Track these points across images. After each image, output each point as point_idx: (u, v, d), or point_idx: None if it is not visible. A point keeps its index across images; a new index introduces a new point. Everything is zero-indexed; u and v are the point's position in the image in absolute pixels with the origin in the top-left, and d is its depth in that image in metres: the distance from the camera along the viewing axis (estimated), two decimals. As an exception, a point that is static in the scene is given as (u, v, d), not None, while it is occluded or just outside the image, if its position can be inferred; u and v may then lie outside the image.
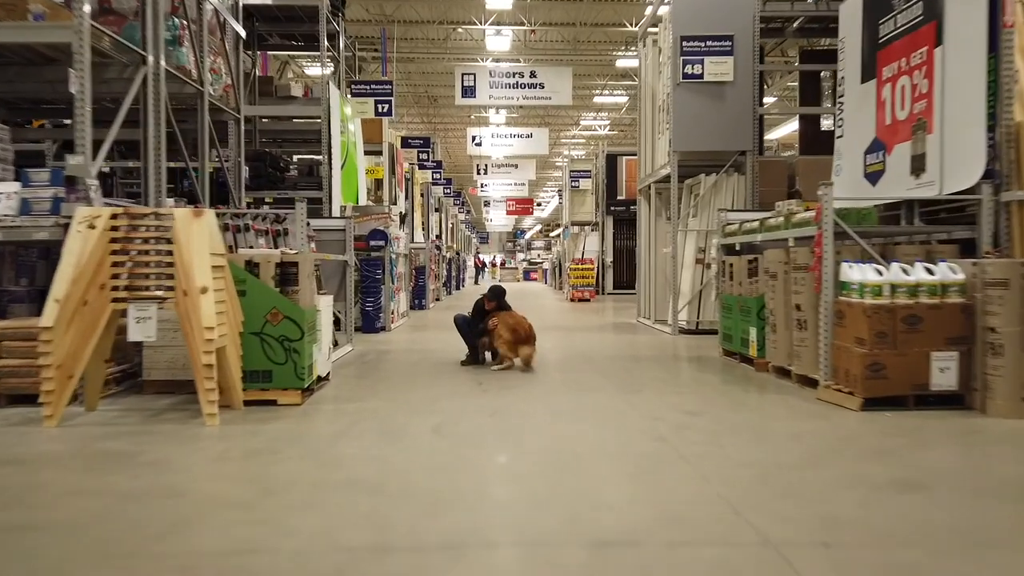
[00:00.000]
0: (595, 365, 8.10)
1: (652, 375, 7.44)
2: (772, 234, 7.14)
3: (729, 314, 8.22)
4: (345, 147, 13.14)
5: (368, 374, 7.59)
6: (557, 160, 44.10)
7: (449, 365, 8.06)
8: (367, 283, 11.81)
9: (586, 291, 21.59)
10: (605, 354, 9.09)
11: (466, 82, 21.74)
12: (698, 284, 11.32)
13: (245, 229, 7.20)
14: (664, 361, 8.54)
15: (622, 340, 10.95)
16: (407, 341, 10.87)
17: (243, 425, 5.14)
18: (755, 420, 5.33)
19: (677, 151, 11.24)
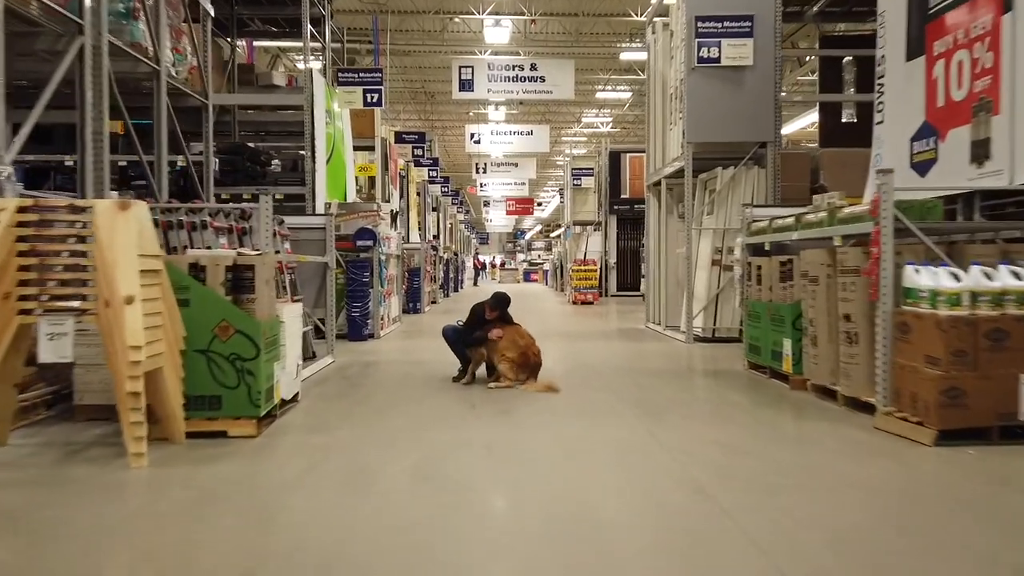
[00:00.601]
0: (605, 380, 7.13)
1: (672, 394, 6.47)
2: (812, 232, 6.17)
3: (757, 323, 7.25)
4: (331, 140, 12.17)
5: (346, 393, 6.62)
6: (558, 159, 43.15)
7: (439, 381, 7.09)
8: (353, 287, 10.84)
9: (589, 293, 20.63)
10: (615, 366, 8.13)
11: (463, 75, 20.78)
12: (714, 288, 10.35)
13: (202, 227, 6.24)
14: (682, 376, 7.57)
15: (632, 349, 9.98)
16: (396, 351, 9.90)
17: (178, 467, 4.17)
18: (809, 459, 4.36)
19: (691, 142, 10.27)
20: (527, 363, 6.67)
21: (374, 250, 11.16)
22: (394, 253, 13.01)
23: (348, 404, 6.04)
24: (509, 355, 6.67)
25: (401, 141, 19.71)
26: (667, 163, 11.63)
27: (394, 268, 13.26)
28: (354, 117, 16.19)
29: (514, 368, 6.64)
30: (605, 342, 10.91)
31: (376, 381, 7.22)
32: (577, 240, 26.41)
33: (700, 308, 10.34)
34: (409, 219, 21.42)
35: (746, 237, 7.70)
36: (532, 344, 6.75)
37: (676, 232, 11.93)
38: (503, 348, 6.70)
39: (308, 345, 8.08)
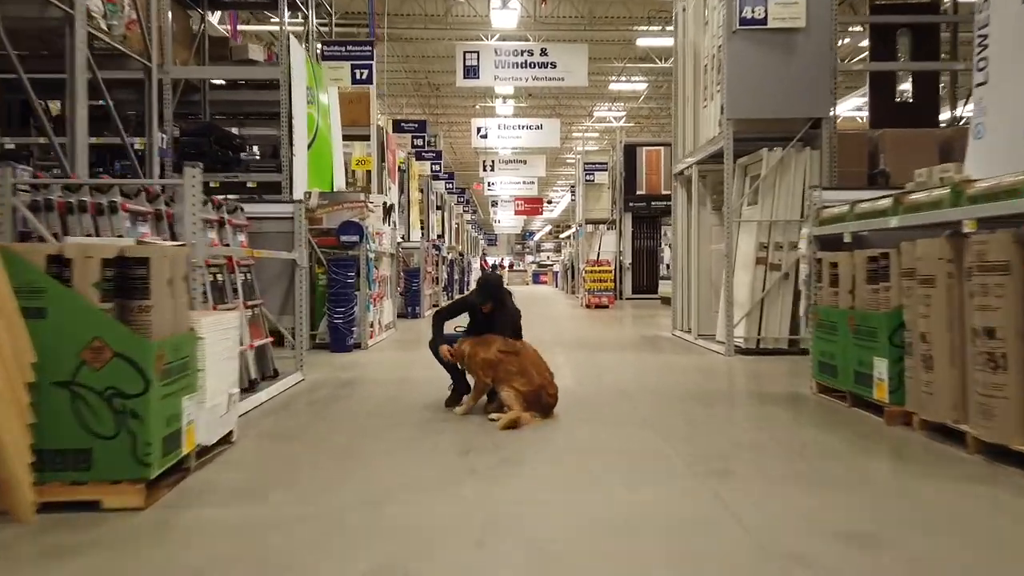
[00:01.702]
0: (639, 409, 5.58)
1: (732, 431, 4.91)
2: (922, 216, 4.60)
3: (831, 336, 5.69)
4: (313, 121, 10.66)
5: (303, 429, 5.08)
6: (568, 156, 41.61)
7: (428, 408, 5.56)
8: (336, 289, 9.32)
9: (604, 296, 19.06)
10: (647, 386, 6.57)
11: (468, 61, 19.28)
12: (759, 290, 8.78)
13: (112, 210, 4.72)
14: (736, 401, 6.01)
15: (663, 364, 8.42)
16: (384, 365, 8.37)
17: (12, 568, 2.66)
18: (984, 562, 2.79)
19: (731, 119, 8.70)
20: (538, 401, 5.14)
21: (361, 247, 9.64)
22: (387, 251, 11.50)
23: (300, 449, 4.50)
24: (518, 385, 5.13)
25: (400, 130, 18.22)
26: (698, 147, 10.07)
27: (387, 268, 11.75)
28: (347, 103, 14.74)
29: (521, 400, 5.10)
30: (630, 354, 9.34)
31: (348, 410, 5.68)
32: (590, 240, 24.85)
33: (743, 315, 8.77)
34: (410, 217, 19.92)
35: (814, 227, 6.12)
36: (550, 383, 5.24)
37: (710, 226, 10.37)
38: (513, 377, 5.17)
39: (268, 362, 6.56)
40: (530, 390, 5.15)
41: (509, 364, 5.24)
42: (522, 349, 5.35)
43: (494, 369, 5.29)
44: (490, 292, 5.57)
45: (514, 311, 5.68)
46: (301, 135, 10.05)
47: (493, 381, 5.32)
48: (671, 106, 12.15)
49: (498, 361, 5.27)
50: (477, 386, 5.41)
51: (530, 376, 5.17)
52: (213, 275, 5.65)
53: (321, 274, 9.60)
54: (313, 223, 9.76)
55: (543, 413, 5.15)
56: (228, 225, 6.05)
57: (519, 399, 5.14)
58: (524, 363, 5.22)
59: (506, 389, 5.19)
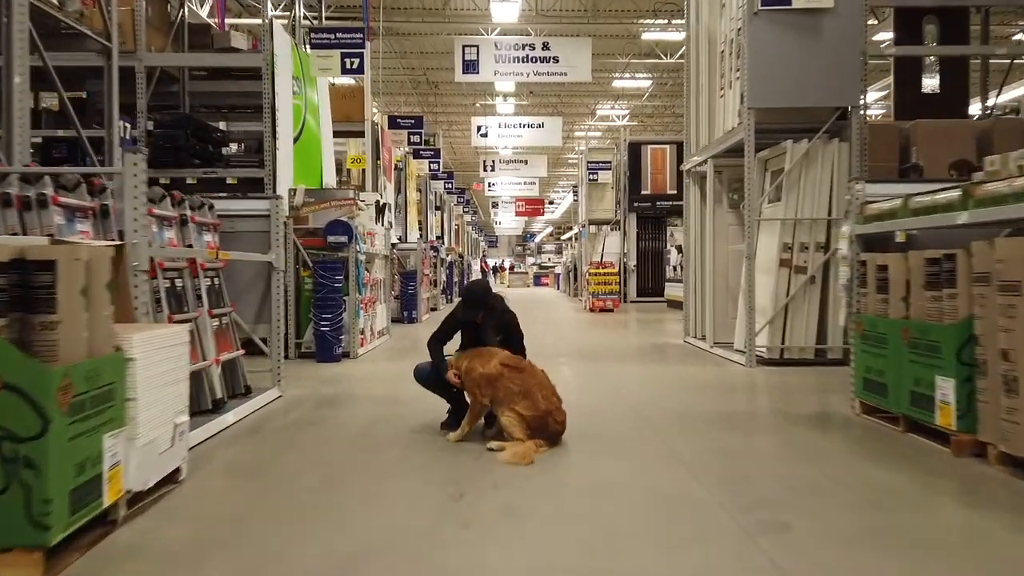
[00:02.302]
0: (661, 435, 4.84)
1: (777, 467, 4.16)
2: (1001, 211, 3.87)
3: (880, 349, 4.96)
4: (300, 113, 9.95)
5: (266, 464, 4.34)
6: (570, 156, 40.91)
7: (419, 433, 4.84)
8: (323, 294, 8.59)
9: (609, 299, 18.33)
10: (667, 406, 5.83)
11: (467, 55, 18.59)
12: (783, 295, 8.05)
13: (40, 204, 3.98)
14: (772, 426, 5.25)
15: (680, 377, 7.69)
16: (373, 378, 7.64)
17: None
18: None
19: (753, 108, 7.96)
20: (544, 428, 4.41)
21: (350, 248, 8.91)
22: (380, 253, 10.77)
23: (259, 491, 3.75)
24: (521, 409, 4.41)
25: (395, 126, 17.48)
26: (715, 140, 9.33)
27: (380, 271, 11.02)
28: (340, 98, 14.08)
29: (524, 427, 4.38)
30: (642, 365, 8.60)
31: (325, 436, 4.94)
32: (593, 241, 24.12)
33: (765, 322, 8.03)
34: (407, 217, 19.19)
35: (856, 224, 5.38)
36: (558, 409, 4.50)
37: (726, 226, 9.64)
38: (513, 393, 4.45)
39: (239, 377, 5.83)
40: (535, 415, 4.42)
41: (511, 382, 4.52)
42: (528, 367, 4.62)
43: (492, 387, 4.56)
44: (477, 301, 4.86)
45: (505, 313, 4.96)
46: (286, 128, 9.33)
47: (492, 402, 4.59)
48: (682, 98, 11.43)
49: (498, 376, 4.54)
50: (473, 408, 4.68)
51: (534, 399, 4.44)
52: (171, 280, 4.93)
53: (307, 278, 8.88)
54: (298, 223, 9.04)
55: (550, 442, 4.42)
56: (191, 223, 5.32)
57: (522, 425, 4.41)
58: (528, 383, 4.48)
59: (507, 413, 4.46)
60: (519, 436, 4.39)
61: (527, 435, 4.38)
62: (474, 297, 4.90)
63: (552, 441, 4.43)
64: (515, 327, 4.98)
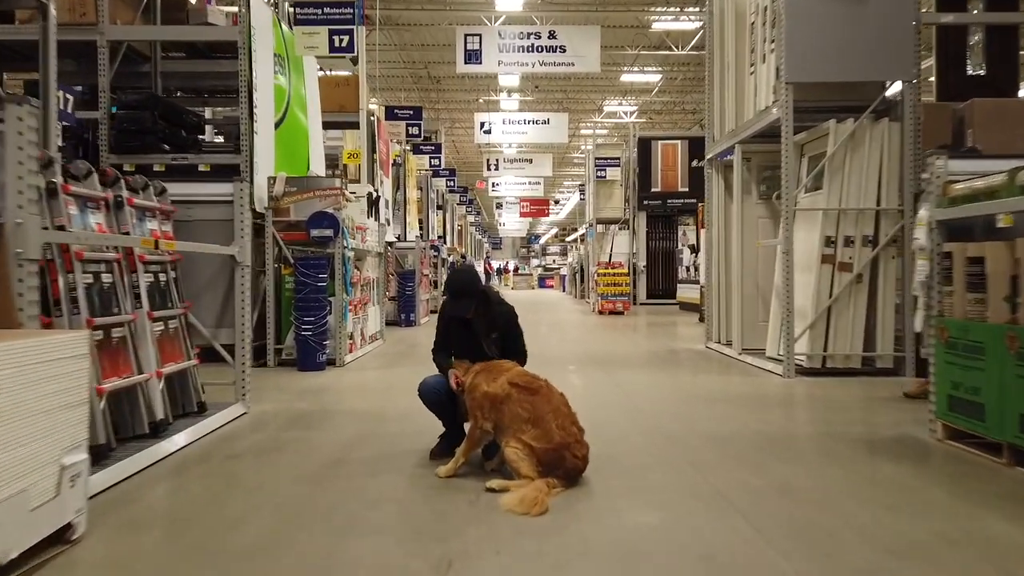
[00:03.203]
0: (698, 464, 3.87)
1: (861, 516, 3.17)
2: None
3: (974, 361, 4.00)
4: (283, 95, 9.02)
5: (199, 510, 3.38)
6: (575, 156, 39.97)
7: (405, 462, 3.89)
8: (304, 294, 7.65)
9: (619, 301, 17.35)
10: (703, 428, 4.86)
11: (470, 44, 17.62)
12: (825, 296, 7.09)
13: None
14: (837, 455, 4.27)
15: (710, 390, 6.73)
16: (359, 389, 6.69)
17: None
18: None
19: (792, 83, 7.01)
20: (559, 464, 3.46)
21: (336, 243, 7.96)
22: (372, 249, 9.83)
23: (177, 553, 2.80)
24: (529, 439, 3.47)
25: (393, 117, 16.53)
26: (743, 123, 8.37)
27: (373, 270, 10.08)
28: (333, 87, 13.14)
29: (533, 462, 3.43)
30: (663, 374, 7.64)
31: (286, 466, 3.99)
32: (600, 241, 23.16)
33: (804, 326, 7.07)
34: (407, 216, 18.26)
35: (939, 208, 4.41)
36: (577, 442, 3.55)
37: (755, 219, 8.68)
38: (520, 419, 3.53)
39: (190, 392, 4.88)
40: (547, 448, 3.46)
41: (519, 405, 3.58)
42: (543, 389, 3.67)
43: (497, 410, 3.63)
44: (463, 290, 3.94)
45: (500, 305, 4.05)
46: (266, 109, 8.41)
47: (495, 428, 3.65)
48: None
49: (504, 397, 3.61)
50: (471, 434, 3.74)
51: (547, 428, 3.49)
52: (94, 275, 3.99)
53: (288, 276, 7.94)
54: (279, 214, 8.11)
55: (566, 481, 3.46)
56: (128, 207, 4.38)
57: (531, 459, 3.46)
58: (541, 408, 3.54)
59: (512, 443, 3.52)
60: (527, 474, 3.43)
61: (537, 472, 3.43)
62: (459, 285, 3.99)
63: (569, 480, 3.48)
64: (513, 323, 4.08)
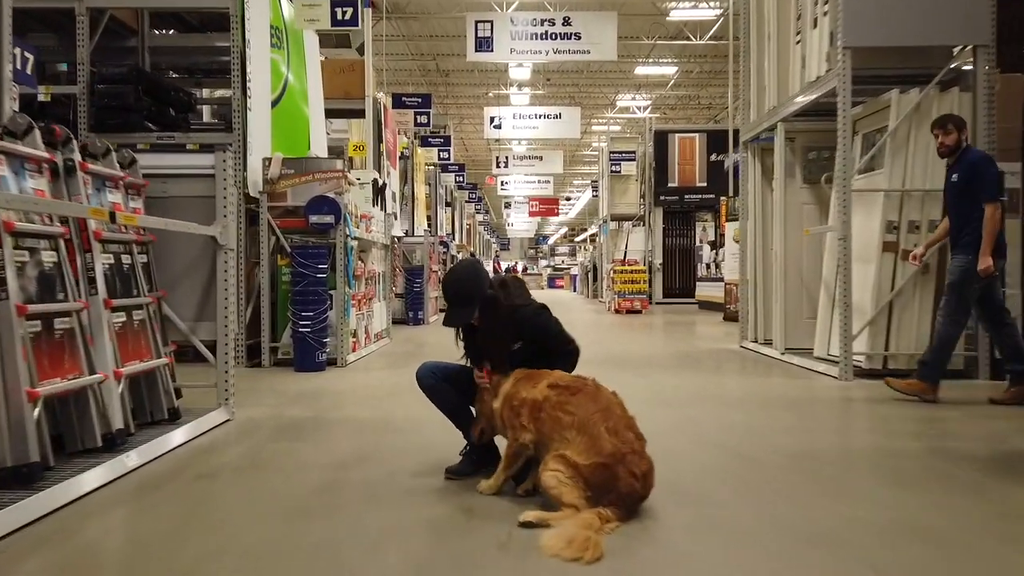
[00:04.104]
0: (786, 491, 3.08)
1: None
2: None
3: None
4: (280, 72, 8.27)
5: (138, 557, 2.61)
6: (586, 153, 39.20)
7: (416, 482, 3.12)
8: (302, 286, 6.88)
9: (636, 299, 16.55)
10: (770, 440, 4.06)
11: (481, 32, 16.90)
12: (886, 288, 6.29)
13: None
14: (943, 473, 3.46)
15: (760, 394, 5.92)
16: (361, 393, 5.92)
17: None
18: None
19: (850, 47, 6.20)
20: (612, 483, 2.66)
21: (337, 230, 7.20)
22: (378, 240, 9.06)
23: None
24: (574, 453, 2.71)
25: (400, 105, 15.76)
26: (788, 99, 7.56)
27: (379, 263, 9.32)
28: (337, 72, 12.44)
29: (579, 485, 2.66)
30: (701, 377, 6.84)
31: (266, 490, 3.22)
32: (614, 238, 22.35)
33: (865, 323, 6.26)
34: (415, 212, 17.53)
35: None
36: (636, 453, 2.74)
37: (799, 206, 7.88)
38: (561, 426, 2.79)
39: (159, 397, 4.12)
40: (595, 464, 2.68)
41: (559, 408, 2.81)
42: (587, 386, 2.90)
43: (536, 418, 2.86)
44: (459, 293, 3.12)
45: (522, 308, 3.17)
46: (262, 85, 7.66)
47: (537, 443, 2.88)
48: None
49: (543, 401, 2.85)
50: (509, 451, 2.97)
51: (594, 433, 2.72)
52: (30, 251, 3.23)
53: (285, 267, 7.19)
54: (275, 199, 7.36)
55: (623, 510, 2.68)
56: (81, 172, 3.62)
57: (575, 481, 2.68)
58: (585, 408, 2.78)
59: (551, 464, 2.74)
60: (570, 502, 2.65)
61: (584, 499, 2.65)
62: (455, 288, 3.13)
63: (626, 509, 2.69)
64: (541, 325, 3.17)
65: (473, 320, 3.15)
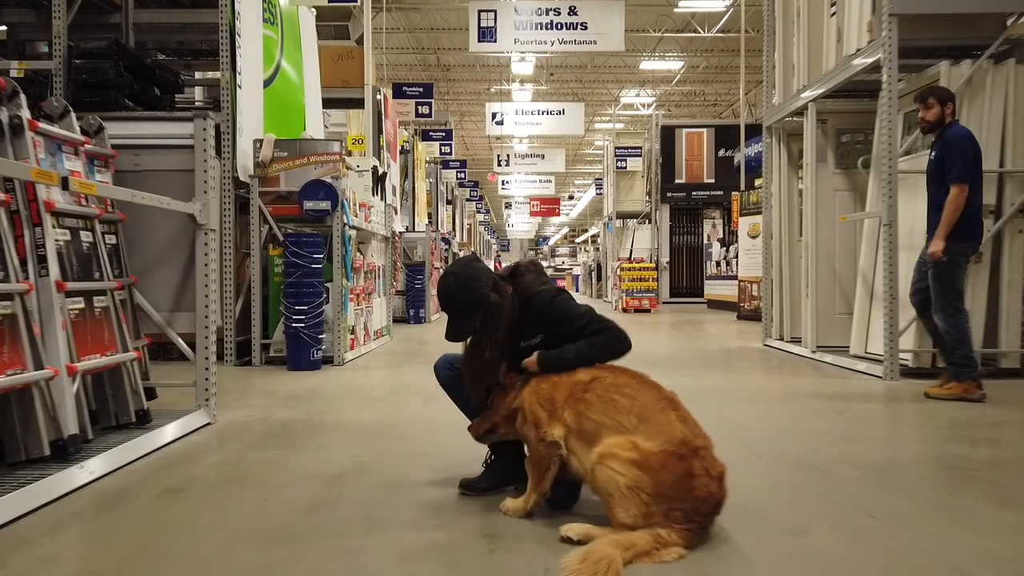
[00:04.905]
0: (883, 518, 2.50)
1: None
2: None
3: None
4: (273, 50, 7.72)
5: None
6: (588, 152, 38.69)
7: (428, 494, 2.56)
8: (295, 278, 6.33)
9: (645, 298, 16.01)
10: (841, 453, 3.50)
11: (484, 21, 16.36)
12: (935, 279, 5.73)
13: None
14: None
15: (803, 395, 5.35)
16: (360, 394, 5.35)
17: None
18: None
19: (897, 14, 5.65)
20: (687, 487, 2.10)
21: (334, 218, 6.65)
22: (378, 232, 8.50)
23: None
24: (644, 440, 2.17)
25: (401, 95, 15.20)
26: (823, 75, 6.99)
27: (379, 256, 8.76)
28: (335, 59, 11.94)
29: (640, 496, 2.09)
30: (738, 378, 6.28)
31: (243, 512, 2.66)
32: (620, 236, 21.81)
33: (911, 320, 5.71)
34: (415, 208, 16.99)
35: None
36: (707, 446, 2.20)
37: (832, 192, 7.32)
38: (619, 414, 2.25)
39: (125, 398, 3.56)
40: (667, 453, 2.13)
41: (616, 391, 2.31)
42: (643, 375, 2.38)
43: (578, 401, 2.33)
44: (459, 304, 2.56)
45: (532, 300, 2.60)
46: (253, 62, 7.11)
47: (575, 434, 2.32)
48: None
49: (591, 381, 2.34)
50: (536, 456, 2.42)
51: (663, 423, 2.21)
52: (-42, 220, 2.67)
53: (277, 258, 6.64)
54: (266, 184, 6.81)
55: (692, 532, 2.11)
56: (32, 132, 3.06)
57: (638, 492, 2.11)
58: (647, 395, 2.29)
59: (610, 457, 2.17)
60: (624, 520, 2.10)
61: (644, 511, 2.09)
62: (454, 295, 2.55)
63: (697, 529, 2.13)
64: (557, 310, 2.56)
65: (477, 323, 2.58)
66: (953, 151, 4.77)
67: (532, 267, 2.73)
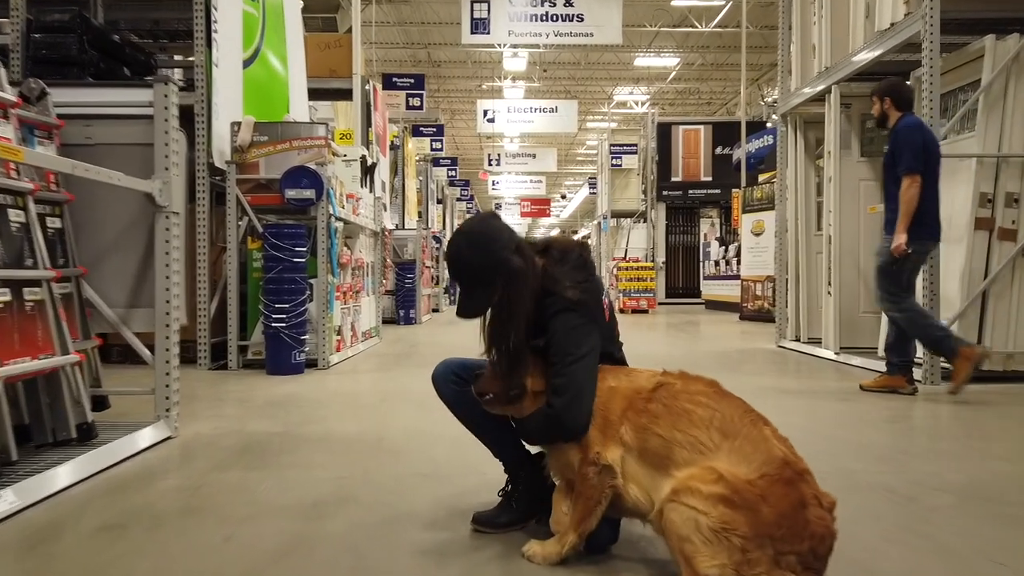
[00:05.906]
0: (994, 557, 2.01)
1: None
2: None
3: None
4: (253, 29, 7.15)
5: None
6: (580, 152, 38.20)
7: (427, 537, 2.01)
8: (276, 273, 5.76)
9: (643, 298, 15.50)
10: (917, 473, 2.99)
11: (477, 12, 15.86)
12: (979, 274, 5.24)
13: None
14: None
15: (836, 402, 4.85)
16: (346, 402, 4.79)
17: None
18: None
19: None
20: (799, 519, 1.56)
21: (319, 207, 6.08)
22: (367, 225, 7.93)
23: None
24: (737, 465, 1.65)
25: (391, 86, 14.64)
26: (851, 53, 6.49)
27: (368, 252, 8.19)
28: (322, 48, 11.34)
29: (733, 540, 1.55)
30: (758, 380, 5.75)
31: (196, 556, 2.10)
32: (614, 235, 21.33)
33: (953, 317, 5.21)
34: (405, 204, 16.40)
35: None
36: (808, 471, 1.66)
37: (856, 182, 6.83)
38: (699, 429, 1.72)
39: (63, 410, 2.98)
40: (770, 479, 1.60)
41: (690, 400, 1.80)
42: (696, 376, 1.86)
43: (639, 412, 1.83)
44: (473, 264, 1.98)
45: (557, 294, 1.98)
46: (231, 39, 6.54)
47: (637, 453, 1.78)
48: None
49: (654, 390, 1.84)
50: (582, 486, 1.85)
51: (756, 439, 1.71)
52: None
53: (256, 251, 6.06)
54: (245, 170, 6.24)
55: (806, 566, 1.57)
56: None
57: (728, 534, 1.56)
58: (731, 407, 1.78)
59: (686, 493, 1.63)
60: (716, 562, 1.56)
61: (742, 561, 1.55)
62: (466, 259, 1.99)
63: (812, 556, 1.59)
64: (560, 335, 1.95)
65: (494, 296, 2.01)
66: (902, 143, 4.64)
67: (573, 254, 2.06)
